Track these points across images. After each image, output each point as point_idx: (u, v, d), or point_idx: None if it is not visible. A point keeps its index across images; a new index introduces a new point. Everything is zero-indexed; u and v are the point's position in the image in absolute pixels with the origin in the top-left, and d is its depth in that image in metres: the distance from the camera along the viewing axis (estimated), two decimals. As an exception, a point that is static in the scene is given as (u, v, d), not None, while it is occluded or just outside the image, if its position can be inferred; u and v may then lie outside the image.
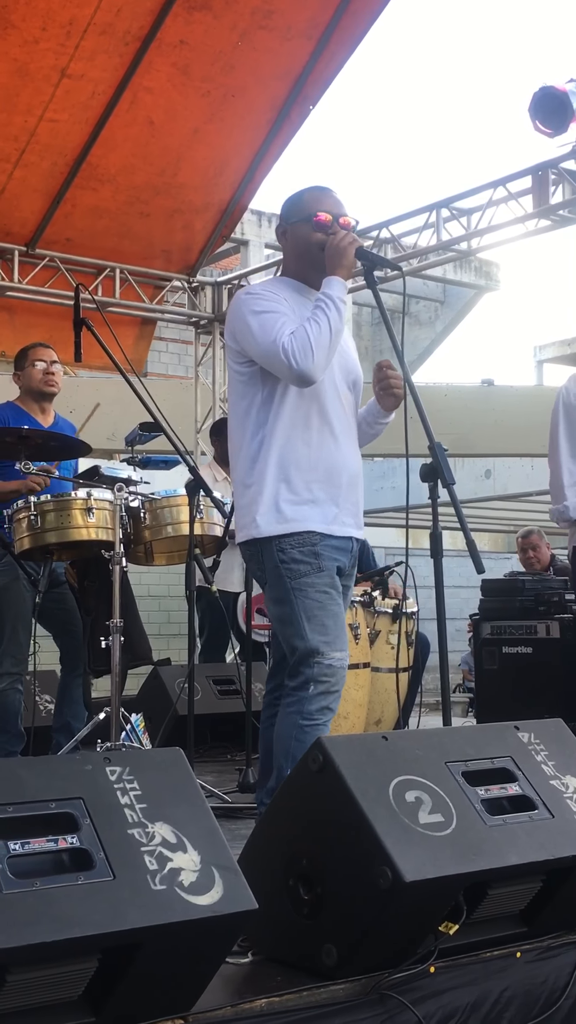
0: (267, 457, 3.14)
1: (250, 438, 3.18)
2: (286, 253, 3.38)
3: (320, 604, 3.10)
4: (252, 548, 3.20)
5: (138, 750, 4.17)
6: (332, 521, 3.17)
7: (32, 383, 4.91)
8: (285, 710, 3.11)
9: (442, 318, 21.54)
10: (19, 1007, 1.81)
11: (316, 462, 3.16)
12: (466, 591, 14.52)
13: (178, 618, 11.85)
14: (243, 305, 3.17)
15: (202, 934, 1.93)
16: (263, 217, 15.08)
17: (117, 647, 4.29)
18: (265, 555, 3.15)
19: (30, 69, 6.37)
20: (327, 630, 3.09)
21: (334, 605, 3.13)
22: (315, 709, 3.06)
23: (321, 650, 3.07)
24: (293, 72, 6.93)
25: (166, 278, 8.45)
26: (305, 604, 3.09)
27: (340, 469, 3.20)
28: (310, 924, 2.25)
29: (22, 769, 2.00)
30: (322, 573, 3.12)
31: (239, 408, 3.23)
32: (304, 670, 3.08)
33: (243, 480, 3.21)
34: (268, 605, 3.25)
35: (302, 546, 3.11)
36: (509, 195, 6.93)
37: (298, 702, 3.07)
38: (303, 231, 3.24)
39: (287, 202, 3.32)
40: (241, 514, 3.23)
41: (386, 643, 5.21)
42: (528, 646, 5.84)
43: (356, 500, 3.26)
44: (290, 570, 3.11)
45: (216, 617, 6.18)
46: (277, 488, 3.13)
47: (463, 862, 2.18)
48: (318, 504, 3.15)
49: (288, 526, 3.12)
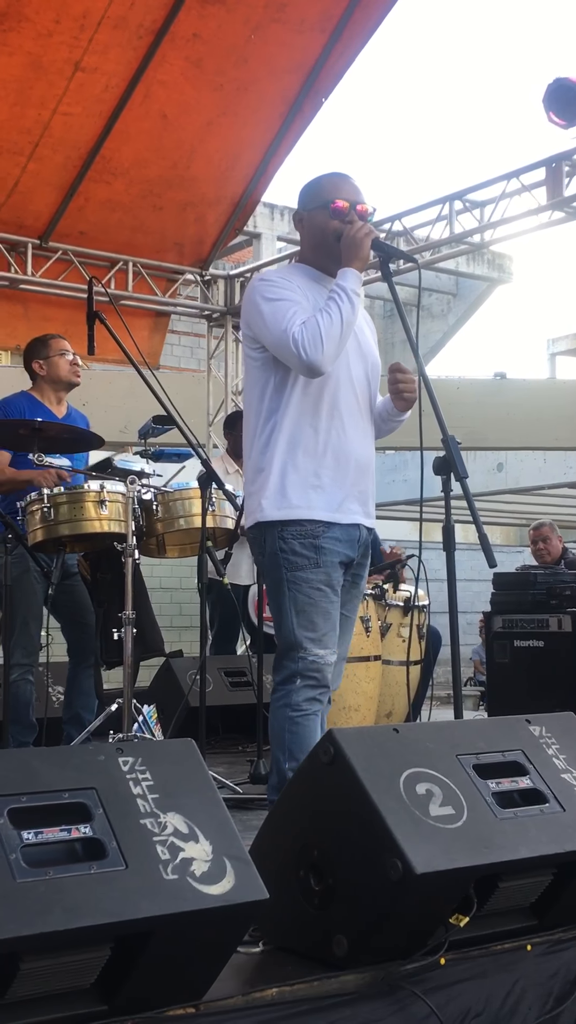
0: (276, 442, 3.14)
1: (263, 424, 3.18)
2: (303, 239, 3.36)
3: (312, 600, 3.09)
4: (256, 531, 3.20)
5: (150, 741, 4.19)
6: (337, 508, 3.15)
7: (61, 373, 4.93)
8: (274, 704, 3.10)
9: (455, 311, 21.48)
10: (32, 995, 1.83)
11: (324, 448, 3.15)
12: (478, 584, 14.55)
13: (190, 610, 11.89)
14: (256, 291, 3.17)
15: (214, 923, 1.95)
16: (276, 210, 15.08)
17: (129, 639, 4.31)
18: (267, 540, 3.15)
19: (43, 62, 6.38)
20: (315, 627, 3.08)
21: (326, 602, 3.11)
22: (302, 700, 3.06)
23: (305, 646, 3.06)
24: (306, 65, 6.92)
25: (179, 271, 8.46)
26: (296, 598, 3.08)
27: (348, 456, 3.19)
28: (321, 915, 2.26)
29: (35, 759, 2.01)
30: (319, 569, 3.10)
31: (252, 394, 3.24)
32: (288, 664, 3.08)
33: (254, 465, 3.21)
34: (266, 588, 3.26)
35: (303, 537, 3.10)
36: (523, 187, 6.91)
37: (286, 695, 3.07)
38: (320, 218, 3.22)
39: (305, 188, 3.31)
40: (250, 499, 3.23)
41: (397, 636, 5.22)
42: (540, 640, 5.84)
43: (365, 488, 3.24)
44: (288, 561, 3.10)
45: (227, 609, 6.20)
46: (284, 473, 3.13)
47: (474, 855, 2.19)
48: (324, 490, 3.14)
49: (292, 512, 3.11)
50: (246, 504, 3.28)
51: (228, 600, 5.93)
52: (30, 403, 4.87)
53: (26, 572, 4.63)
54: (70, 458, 4.73)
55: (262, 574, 3.28)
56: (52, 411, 4.89)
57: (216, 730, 5.86)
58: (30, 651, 4.73)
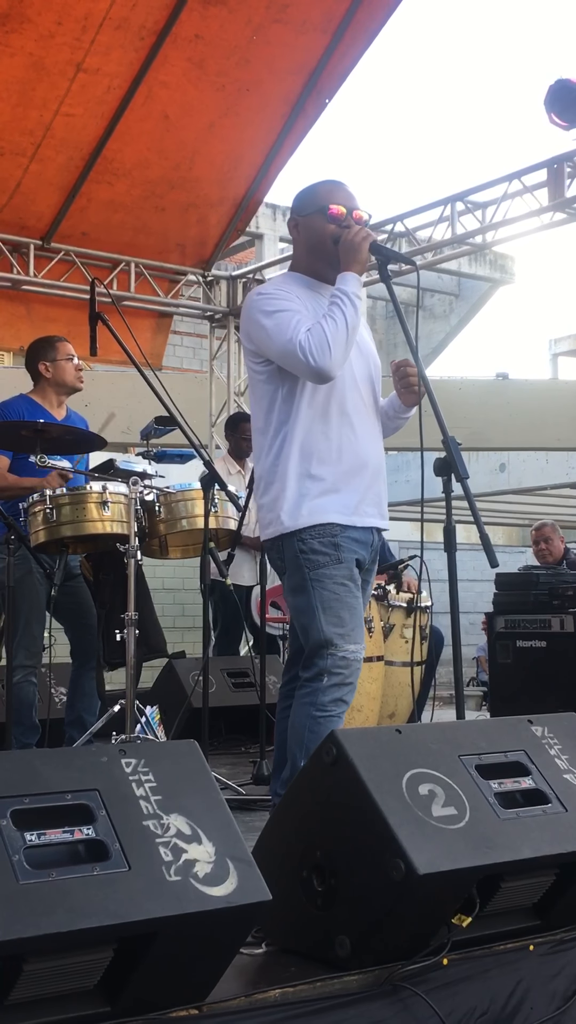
0: (288, 453, 3.15)
1: (272, 436, 3.19)
2: (297, 246, 3.36)
3: (337, 596, 3.11)
4: (274, 543, 3.21)
5: (153, 742, 4.19)
6: (353, 511, 3.17)
7: (67, 378, 4.93)
8: (299, 701, 3.11)
9: (457, 311, 21.47)
10: (35, 996, 1.83)
11: (338, 454, 3.16)
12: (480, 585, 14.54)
13: (192, 611, 11.88)
14: (255, 306, 3.17)
15: (216, 925, 1.95)
16: (278, 211, 15.06)
17: (132, 640, 4.31)
18: (286, 545, 3.16)
19: (46, 64, 6.38)
20: (343, 622, 3.10)
21: (351, 597, 3.14)
22: (328, 700, 3.07)
23: (335, 642, 3.08)
24: (308, 66, 6.92)
25: (181, 272, 8.47)
26: (322, 595, 3.10)
27: (362, 460, 3.20)
28: (324, 915, 2.27)
29: (38, 761, 2.01)
30: (341, 565, 3.12)
31: (260, 407, 3.24)
32: (318, 661, 3.09)
33: (267, 477, 3.21)
34: (286, 595, 3.26)
35: (322, 536, 3.12)
36: (524, 188, 6.92)
37: (311, 693, 3.08)
38: (316, 223, 3.23)
39: (299, 195, 3.32)
40: (265, 511, 3.23)
41: (400, 637, 5.22)
42: (542, 640, 5.85)
43: (379, 491, 3.26)
44: (309, 560, 3.11)
45: (230, 610, 6.21)
46: (300, 482, 3.14)
47: (476, 855, 2.19)
48: (339, 494, 3.15)
49: (310, 518, 3.12)
50: (260, 516, 3.27)
51: (231, 601, 5.94)
52: (29, 406, 4.87)
53: (29, 573, 4.63)
54: (71, 460, 4.73)
55: (280, 576, 3.28)
56: (52, 414, 4.88)
57: (219, 731, 5.86)
58: (33, 652, 4.73)
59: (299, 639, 3.22)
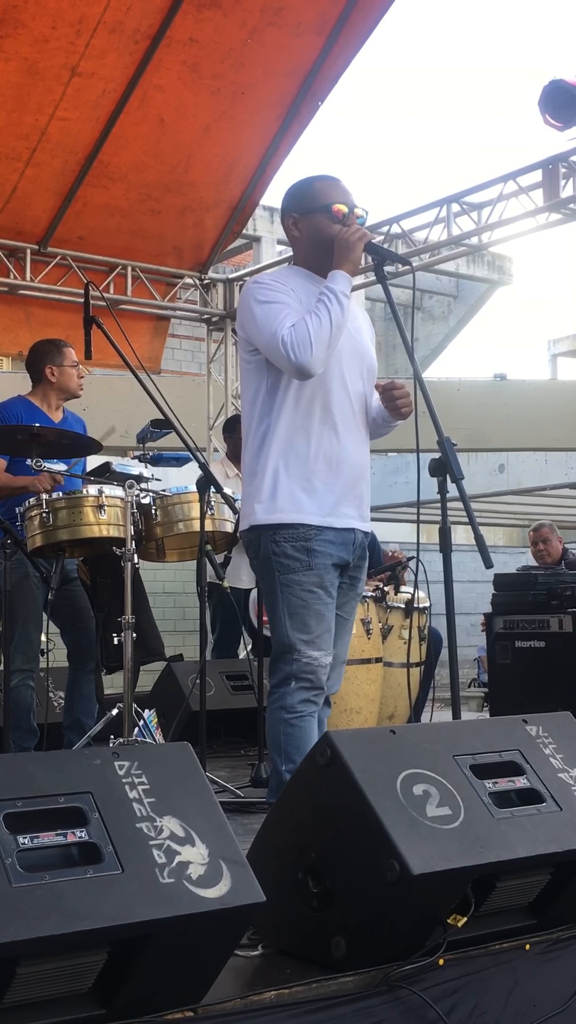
0: (269, 446, 3.15)
1: (256, 426, 3.19)
2: (298, 242, 3.31)
3: (304, 603, 3.09)
4: (251, 536, 3.20)
5: (146, 745, 4.19)
6: (329, 512, 3.15)
7: (71, 384, 4.96)
8: (270, 708, 3.11)
9: (455, 313, 21.49)
10: (30, 999, 1.83)
11: (316, 452, 3.15)
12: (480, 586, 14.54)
13: (192, 614, 11.87)
14: (250, 294, 3.17)
15: (210, 927, 1.95)
16: (275, 213, 15.04)
17: (129, 643, 4.31)
18: (262, 543, 3.15)
19: (40, 68, 6.39)
20: (308, 629, 3.09)
21: (319, 604, 3.11)
22: (297, 702, 3.07)
23: (298, 647, 3.07)
24: (303, 68, 6.93)
25: (178, 275, 8.47)
26: (289, 601, 3.09)
27: (341, 460, 3.18)
28: (319, 917, 2.27)
29: (31, 764, 2.01)
30: (311, 571, 3.10)
31: (248, 396, 3.24)
32: (283, 666, 3.09)
33: (249, 468, 3.22)
34: (261, 592, 3.27)
35: (295, 540, 3.10)
36: (520, 189, 6.92)
37: (280, 698, 3.08)
38: (320, 222, 3.21)
39: (294, 191, 3.29)
40: (244, 502, 3.24)
41: (399, 638, 5.23)
42: (541, 640, 5.84)
43: (359, 492, 3.24)
44: (280, 564, 3.10)
45: (228, 613, 6.20)
46: (276, 477, 3.13)
47: (471, 855, 2.19)
48: (316, 494, 3.13)
49: (283, 516, 3.11)
50: (241, 507, 3.29)
51: (229, 604, 5.93)
52: (27, 408, 4.87)
53: (25, 577, 4.63)
54: (68, 463, 4.73)
55: (256, 577, 3.29)
56: (49, 416, 4.89)
57: (217, 734, 5.86)
58: (30, 656, 4.73)
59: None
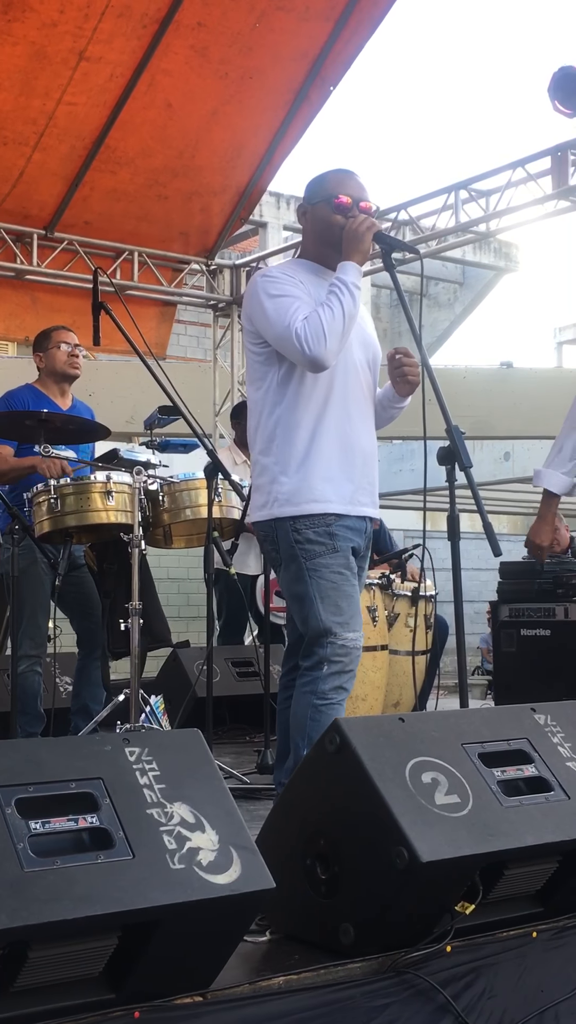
0: (283, 436, 3.15)
1: (266, 418, 3.19)
2: (305, 234, 3.38)
3: (334, 585, 3.11)
4: (267, 528, 3.21)
5: (157, 731, 4.20)
6: (348, 500, 3.17)
7: (57, 365, 4.94)
8: (300, 690, 3.12)
9: (461, 300, 21.45)
10: (41, 983, 1.84)
11: (332, 441, 3.16)
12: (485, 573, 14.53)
13: (197, 600, 11.90)
14: (259, 287, 3.17)
15: (220, 912, 1.96)
16: (282, 199, 15.02)
17: (136, 629, 4.31)
18: (280, 535, 3.16)
19: (48, 52, 6.37)
20: (341, 611, 3.11)
21: (348, 586, 3.14)
22: (329, 688, 3.08)
23: (334, 630, 3.09)
24: (311, 53, 6.90)
25: (184, 261, 8.46)
26: (319, 584, 3.10)
27: (355, 448, 3.20)
28: (327, 903, 2.28)
29: (42, 749, 2.02)
30: (337, 554, 3.13)
31: (257, 389, 3.24)
32: (317, 650, 3.10)
33: (260, 460, 3.22)
34: (282, 585, 3.27)
35: (317, 527, 3.12)
36: (528, 176, 6.90)
37: (312, 682, 3.09)
38: (323, 212, 3.24)
39: (310, 183, 3.32)
40: (257, 494, 3.23)
41: (404, 626, 5.22)
42: (546, 628, 5.84)
43: (371, 480, 3.26)
44: (305, 550, 3.12)
45: (234, 600, 6.21)
46: (293, 468, 3.14)
47: (479, 843, 2.20)
48: (334, 483, 3.15)
49: (304, 507, 3.12)
50: (252, 498, 3.28)
51: (235, 590, 5.94)
52: (34, 395, 4.88)
53: (33, 563, 4.64)
54: (76, 449, 4.73)
55: (276, 570, 3.29)
56: (56, 403, 4.89)
57: (223, 720, 5.87)
58: (38, 643, 4.74)
59: (298, 628, 3.23)
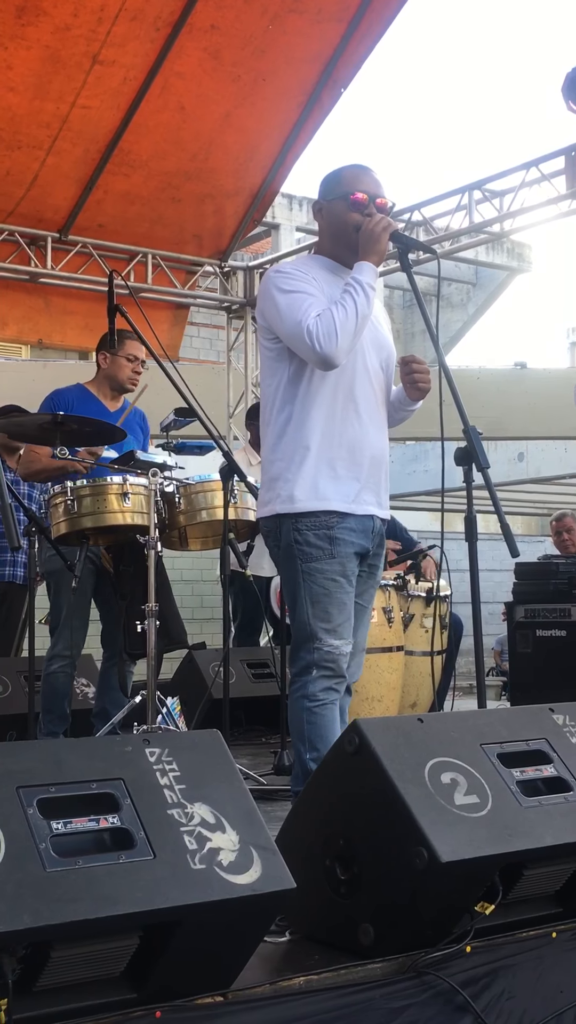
0: (292, 434, 3.14)
1: (277, 414, 3.18)
2: (321, 230, 3.34)
3: (326, 591, 3.09)
4: (271, 523, 3.20)
5: (177, 732, 4.21)
6: (353, 500, 3.14)
7: (120, 375, 4.96)
8: (292, 696, 3.11)
9: (474, 300, 21.40)
10: (63, 983, 1.85)
11: (340, 440, 3.15)
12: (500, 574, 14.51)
13: (212, 602, 11.89)
14: (272, 283, 3.16)
15: (241, 912, 1.96)
16: (294, 201, 15.03)
17: (152, 631, 4.32)
18: (282, 531, 3.15)
19: (62, 56, 6.39)
20: (330, 617, 3.08)
21: (341, 593, 3.11)
22: (319, 690, 3.07)
23: (320, 636, 3.06)
24: (324, 55, 6.90)
25: (198, 263, 8.47)
26: (312, 589, 3.09)
27: (363, 448, 3.18)
28: (347, 904, 2.28)
29: (64, 750, 2.03)
30: (333, 560, 3.10)
31: (268, 385, 3.23)
32: (304, 655, 3.09)
33: (269, 456, 3.21)
34: (281, 580, 3.27)
35: (318, 529, 3.10)
36: (542, 176, 6.89)
37: (302, 686, 3.08)
38: (339, 209, 3.22)
39: (326, 179, 3.30)
40: (264, 489, 3.23)
41: (420, 626, 5.22)
42: (562, 629, 5.84)
43: (379, 480, 3.23)
44: (303, 552, 3.10)
45: (250, 601, 6.22)
46: (299, 465, 3.12)
47: (498, 843, 2.20)
48: (339, 481, 3.13)
49: (308, 504, 3.11)
50: (260, 494, 3.27)
51: (251, 592, 5.95)
52: (80, 396, 4.88)
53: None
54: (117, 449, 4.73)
55: (276, 565, 3.29)
56: (104, 404, 4.90)
57: (239, 722, 5.88)
58: (71, 644, 4.73)
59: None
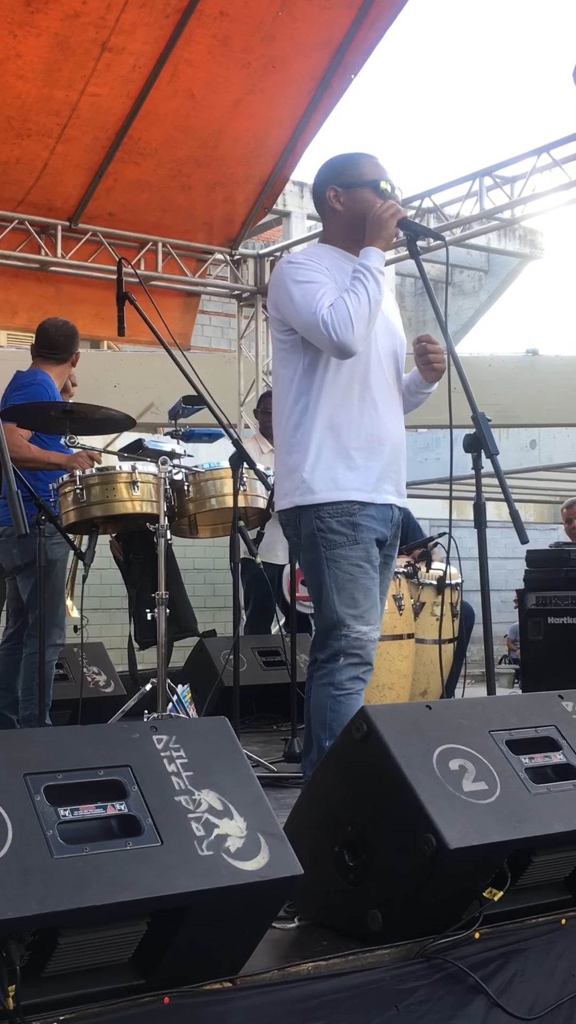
0: (309, 425, 3.14)
1: (292, 405, 3.18)
2: (337, 216, 3.26)
3: (352, 577, 3.09)
4: (290, 515, 3.20)
5: (184, 719, 4.21)
6: (372, 489, 3.15)
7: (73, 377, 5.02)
8: (317, 682, 3.11)
9: (486, 287, 21.34)
10: (71, 969, 1.86)
11: (358, 429, 3.15)
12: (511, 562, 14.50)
13: (223, 590, 11.90)
14: (285, 274, 3.15)
15: (249, 899, 1.97)
16: (305, 188, 14.95)
17: (163, 619, 4.33)
18: (303, 521, 3.15)
19: (71, 43, 6.37)
20: (356, 603, 3.08)
21: (366, 579, 3.11)
22: (345, 679, 3.07)
23: (347, 622, 3.07)
24: (334, 41, 6.87)
25: (208, 251, 8.45)
26: (337, 575, 3.09)
27: (382, 437, 3.18)
28: (356, 890, 2.28)
29: (71, 737, 2.03)
30: (357, 546, 3.10)
31: (282, 377, 3.23)
32: (332, 642, 3.08)
33: (285, 448, 3.21)
34: (303, 572, 3.26)
35: (340, 516, 3.10)
36: (553, 162, 6.85)
37: (328, 674, 3.08)
38: (367, 196, 3.19)
39: (337, 164, 3.27)
40: (282, 481, 3.22)
41: (431, 614, 5.21)
42: (573, 616, 5.83)
43: (398, 468, 3.24)
44: (326, 539, 3.10)
45: (261, 589, 6.21)
46: (318, 455, 3.13)
47: (507, 829, 2.20)
48: (359, 471, 3.13)
49: (328, 494, 3.11)
50: (277, 486, 3.27)
51: (262, 580, 5.94)
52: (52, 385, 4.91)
53: (68, 555, 4.64)
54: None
55: (297, 555, 3.29)
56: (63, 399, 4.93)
57: (250, 709, 5.88)
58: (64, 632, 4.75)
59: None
